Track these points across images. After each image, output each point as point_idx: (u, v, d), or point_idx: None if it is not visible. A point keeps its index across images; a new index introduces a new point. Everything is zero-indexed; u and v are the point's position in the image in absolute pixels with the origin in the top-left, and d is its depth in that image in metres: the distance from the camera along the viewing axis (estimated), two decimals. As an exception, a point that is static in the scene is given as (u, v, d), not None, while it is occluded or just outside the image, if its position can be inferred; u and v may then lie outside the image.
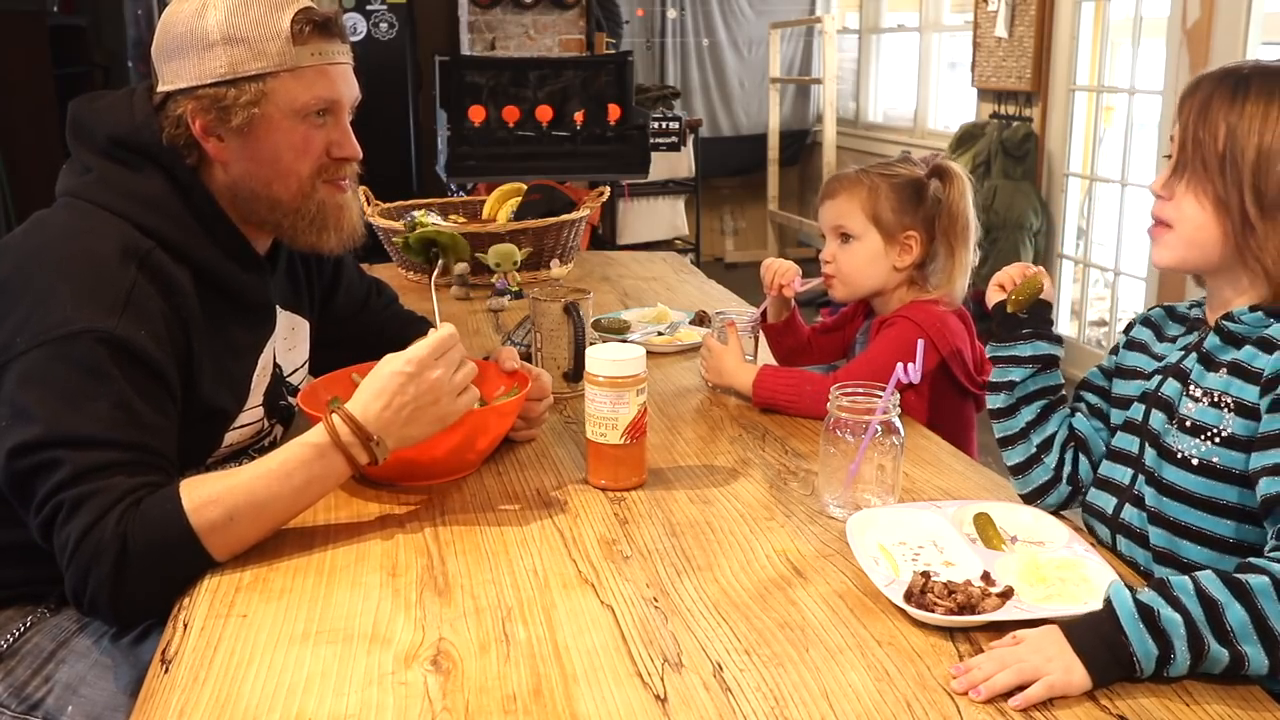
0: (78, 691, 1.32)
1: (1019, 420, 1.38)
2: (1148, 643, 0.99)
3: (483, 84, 4.28)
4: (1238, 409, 1.16)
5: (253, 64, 1.32)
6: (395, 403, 1.27)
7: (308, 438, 1.26)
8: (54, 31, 5.33)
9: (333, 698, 1.00)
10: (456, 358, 1.31)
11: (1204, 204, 1.20)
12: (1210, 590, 1.01)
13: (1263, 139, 1.17)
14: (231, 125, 1.33)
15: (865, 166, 1.82)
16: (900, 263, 1.77)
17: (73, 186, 1.36)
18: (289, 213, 1.41)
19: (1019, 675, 0.99)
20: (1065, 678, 0.99)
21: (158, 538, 1.18)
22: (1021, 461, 1.38)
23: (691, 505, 1.40)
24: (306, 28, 1.34)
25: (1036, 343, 1.38)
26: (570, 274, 2.78)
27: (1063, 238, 4.88)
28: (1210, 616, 0.99)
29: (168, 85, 1.35)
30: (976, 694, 0.99)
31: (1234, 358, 1.19)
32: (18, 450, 1.19)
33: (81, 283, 1.25)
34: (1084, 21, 4.71)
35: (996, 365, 1.41)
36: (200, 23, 1.32)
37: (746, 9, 7.20)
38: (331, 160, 1.42)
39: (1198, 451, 1.18)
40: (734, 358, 1.80)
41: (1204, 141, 1.20)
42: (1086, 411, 1.41)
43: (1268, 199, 1.17)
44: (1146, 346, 1.35)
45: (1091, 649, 1.00)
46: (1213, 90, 1.20)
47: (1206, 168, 1.20)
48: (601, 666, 1.04)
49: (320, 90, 1.37)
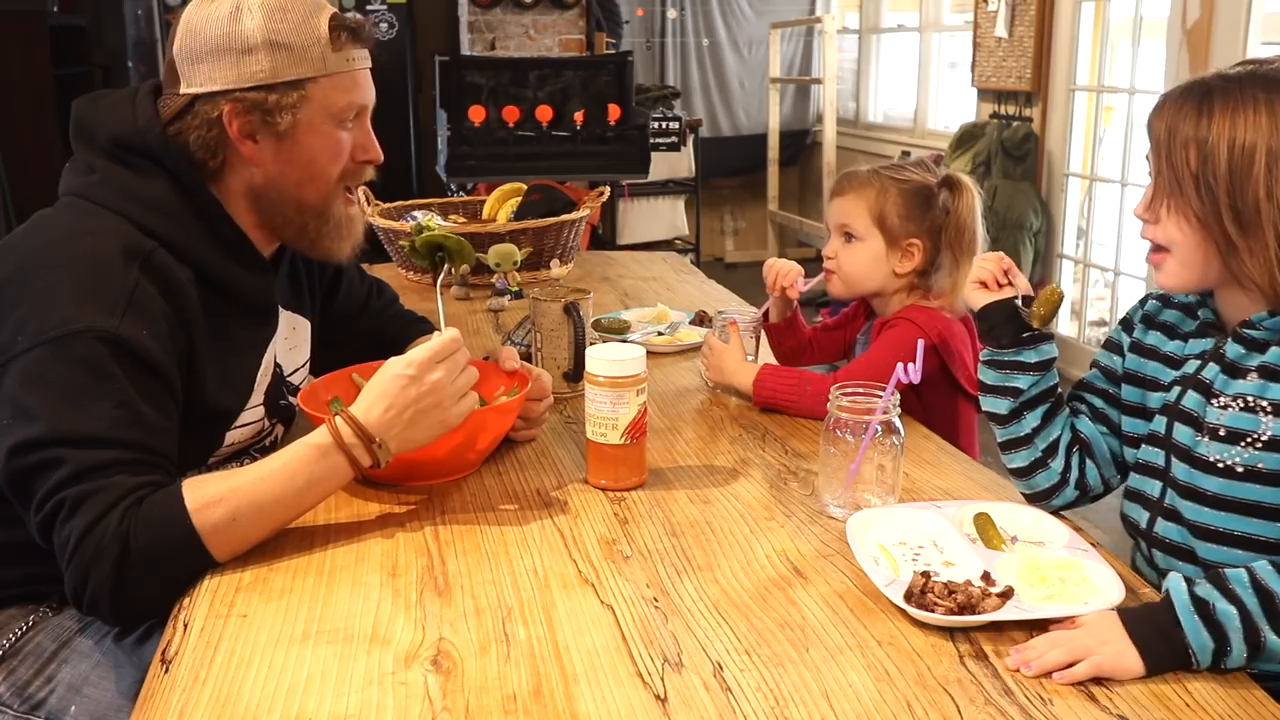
0: (80, 691, 1.32)
1: (1024, 426, 1.36)
2: (1203, 635, 1.01)
3: (483, 84, 4.28)
4: (1276, 410, 1.16)
5: (295, 69, 1.34)
6: (397, 405, 1.27)
7: (311, 439, 1.27)
8: (54, 31, 5.34)
9: (333, 698, 1.00)
10: (460, 362, 1.32)
11: (1187, 226, 1.19)
12: (1266, 581, 1.02)
13: (1232, 155, 1.15)
14: (276, 129, 1.35)
15: (879, 167, 1.81)
16: (901, 268, 1.77)
17: (76, 186, 1.36)
18: (315, 215, 1.43)
19: (1070, 654, 1.02)
20: (1117, 661, 1.01)
21: (160, 538, 1.18)
22: (1025, 466, 1.37)
23: (691, 505, 1.40)
24: (343, 34, 1.37)
25: (1041, 347, 1.36)
26: (570, 274, 2.78)
27: (1063, 238, 4.88)
28: (1266, 607, 1.01)
29: (199, 88, 1.34)
30: (1027, 668, 1.02)
31: (1261, 361, 1.18)
32: (18, 448, 1.19)
33: (83, 282, 1.25)
34: (1084, 21, 4.71)
35: (998, 370, 1.37)
36: (237, 26, 1.32)
37: (746, 9, 7.20)
38: (355, 164, 1.44)
39: (1241, 458, 1.17)
40: (735, 357, 1.80)
41: (1176, 164, 1.18)
42: (1090, 415, 1.40)
43: (1245, 216, 1.15)
44: (1157, 351, 1.32)
45: (1146, 638, 1.02)
46: (1178, 109, 1.18)
47: (1183, 190, 1.18)
48: (601, 666, 1.04)
49: (355, 96, 1.40)
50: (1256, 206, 1.15)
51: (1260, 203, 1.14)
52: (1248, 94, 1.15)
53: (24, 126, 5.15)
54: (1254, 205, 1.15)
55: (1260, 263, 1.16)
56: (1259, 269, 1.16)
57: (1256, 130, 1.14)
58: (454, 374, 1.31)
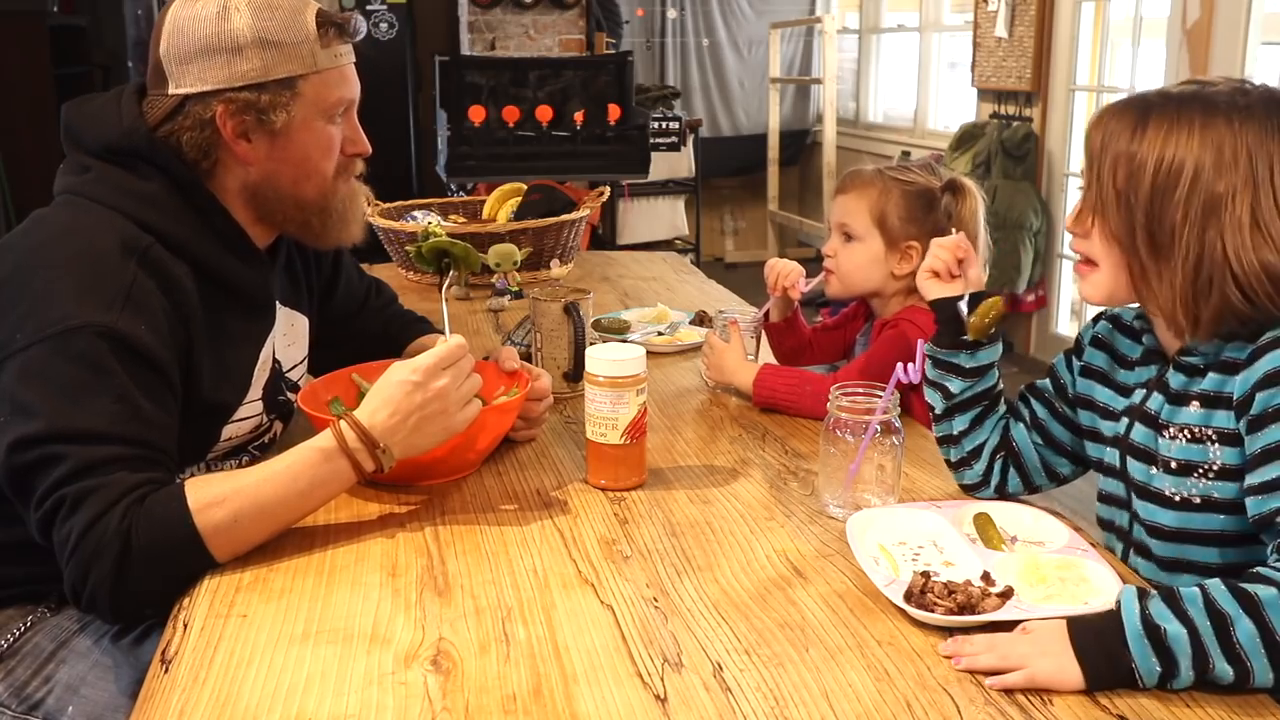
0: (78, 692, 1.32)
1: (953, 426, 1.39)
2: (1150, 660, 0.98)
3: (483, 84, 4.28)
4: (1221, 439, 1.14)
5: (286, 67, 1.34)
6: (402, 411, 1.27)
7: (314, 442, 1.27)
8: (54, 31, 5.33)
9: (333, 698, 1.00)
10: (465, 369, 1.32)
11: (1108, 245, 1.18)
12: (1220, 603, 0.99)
13: (1158, 174, 1.13)
14: (270, 128, 1.35)
15: (884, 167, 1.80)
16: (899, 270, 1.77)
17: (71, 184, 1.36)
18: (317, 211, 1.43)
19: (1001, 660, 1.01)
20: (1055, 674, 0.99)
21: (161, 536, 1.18)
22: (953, 461, 1.41)
23: (691, 505, 1.40)
24: (331, 29, 1.37)
25: (978, 353, 1.36)
26: (570, 274, 2.78)
27: (1063, 238, 4.88)
28: (1219, 631, 0.97)
29: (189, 88, 1.34)
30: (956, 663, 1.03)
31: (1202, 389, 1.16)
32: (18, 445, 1.19)
33: (81, 279, 1.25)
34: (1084, 21, 4.71)
35: (935, 367, 1.38)
36: (226, 25, 1.32)
37: (746, 9, 7.20)
38: (346, 157, 1.44)
39: (1196, 489, 1.16)
40: (735, 356, 1.80)
41: (1104, 181, 1.17)
42: (1028, 423, 1.39)
43: (1159, 240, 1.14)
44: (1105, 375, 1.32)
45: (1092, 655, 0.99)
46: (1115, 121, 1.17)
47: (1106, 208, 1.17)
48: (601, 666, 1.04)
49: (344, 91, 1.40)
50: (1172, 232, 1.13)
51: (1175, 227, 1.12)
52: (1184, 114, 1.13)
53: (24, 126, 5.15)
54: (1169, 230, 1.13)
55: (1167, 290, 1.14)
56: (1165, 297, 1.14)
57: (1187, 150, 1.12)
58: (459, 380, 1.31)
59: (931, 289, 1.39)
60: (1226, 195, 1.11)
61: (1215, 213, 1.11)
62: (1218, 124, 1.12)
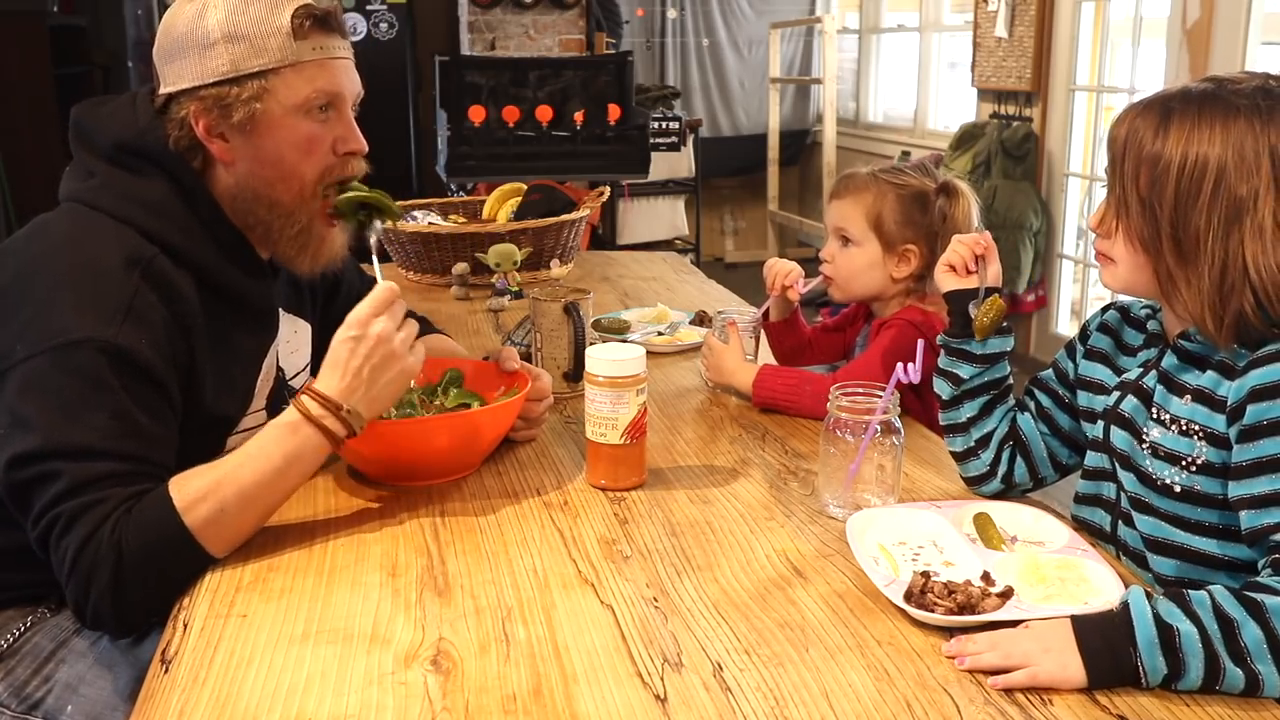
0: (77, 691, 1.32)
1: (961, 413, 1.40)
2: (1158, 659, 0.98)
3: (483, 84, 4.28)
4: (1208, 438, 1.15)
5: (254, 60, 1.32)
6: (351, 367, 1.27)
7: (281, 419, 1.27)
8: (54, 31, 5.33)
9: (333, 698, 1.00)
10: (399, 312, 1.31)
11: (1134, 247, 1.19)
12: (1226, 607, 0.99)
13: (1182, 176, 1.13)
14: (233, 122, 1.33)
15: (878, 170, 1.80)
16: (898, 273, 1.77)
17: (76, 191, 1.36)
18: (282, 215, 1.39)
19: (1004, 660, 1.01)
20: (1058, 673, 0.99)
21: (153, 539, 1.18)
22: (960, 451, 1.41)
23: (691, 505, 1.40)
24: (307, 22, 1.34)
25: (989, 340, 1.38)
26: (570, 274, 2.78)
27: (1063, 238, 4.88)
28: (1226, 634, 0.98)
29: (170, 87, 1.34)
30: (960, 663, 1.02)
31: (1198, 384, 1.17)
32: (16, 461, 1.19)
33: (83, 291, 1.25)
34: (1084, 21, 4.71)
35: (947, 355, 1.40)
36: (201, 23, 1.31)
37: (746, 9, 7.20)
38: (338, 158, 1.40)
39: (1179, 479, 1.18)
40: (735, 357, 1.80)
41: (1127, 184, 1.17)
42: (1034, 413, 1.40)
43: (1185, 246, 1.14)
44: (1107, 358, 1.33)
45: (1096, 653, 0.99)
46: (1139, 121, 1.17)
47: (1130, 211, 1.17)
48: (601, 666, 1.04)
49: (321, 83, 1.36)
50: (1197, 238, 1.13)
51: (1200, 234, 1.13)
52: (1206, 114, 1.13)
53: (24, 127, 5.15)
54: (1195, 237, 1.13)
55: (1195, 296, 1.14)
56: (1193, 303, 1.15)
57: (1210, 152, 1.11)
58: (397, 321, 1.30)
59: (947, 281, 1.41)
60: (1249, 199, 1.11)
61: (1238, 218, 1.11)
62: (1239, 125, 1.12)
